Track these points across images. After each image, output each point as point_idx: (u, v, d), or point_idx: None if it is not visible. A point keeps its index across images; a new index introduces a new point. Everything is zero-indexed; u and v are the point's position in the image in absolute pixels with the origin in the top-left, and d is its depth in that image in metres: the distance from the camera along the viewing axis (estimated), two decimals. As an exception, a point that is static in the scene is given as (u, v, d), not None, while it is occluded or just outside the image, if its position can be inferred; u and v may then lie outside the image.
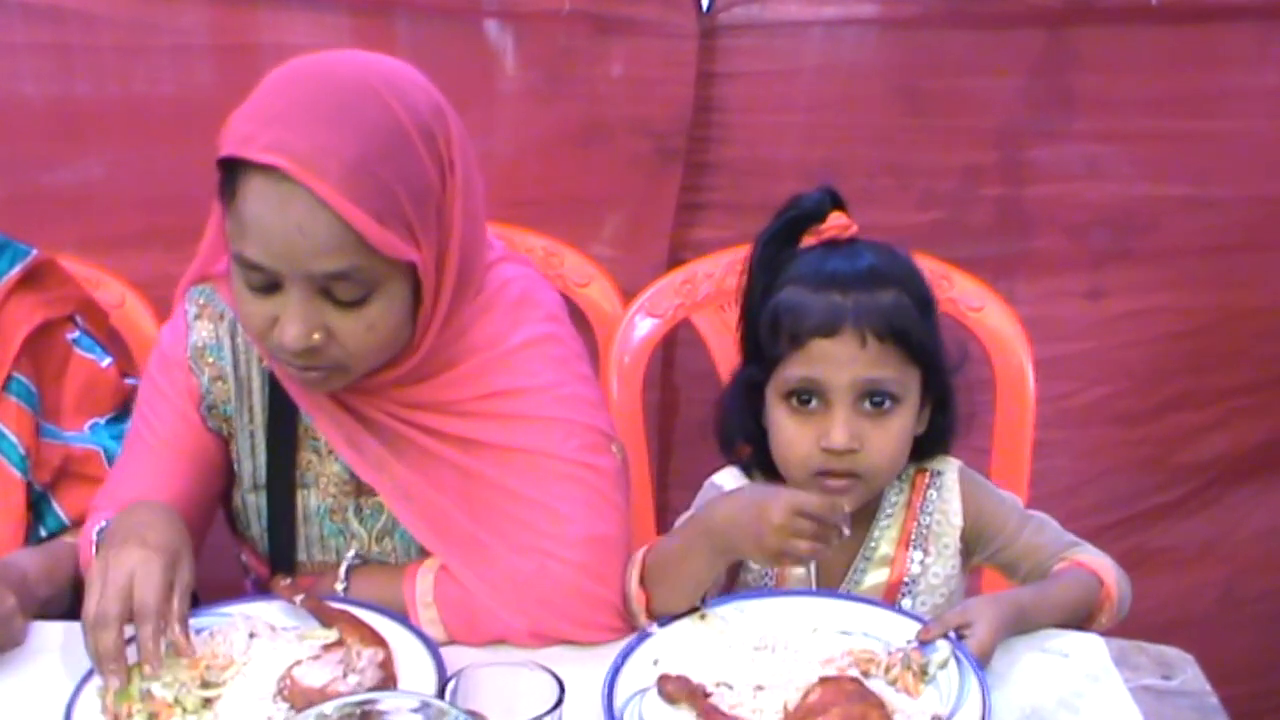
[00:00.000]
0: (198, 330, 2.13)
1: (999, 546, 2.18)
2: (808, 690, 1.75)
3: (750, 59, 2.94)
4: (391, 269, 1.85)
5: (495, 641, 1.98)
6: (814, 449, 2.05)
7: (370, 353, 1.91)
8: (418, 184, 1.84)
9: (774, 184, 2.95)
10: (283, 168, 1.75)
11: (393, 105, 1.82)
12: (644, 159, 2.95)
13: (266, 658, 1.84)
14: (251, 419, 2.14)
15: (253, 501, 2.19)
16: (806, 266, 2.08)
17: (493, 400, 2.03)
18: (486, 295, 2.07)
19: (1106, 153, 3.18)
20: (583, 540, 1.99)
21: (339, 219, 1.76)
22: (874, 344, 2.01)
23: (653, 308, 2.74)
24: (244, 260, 1.82)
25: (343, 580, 2.07)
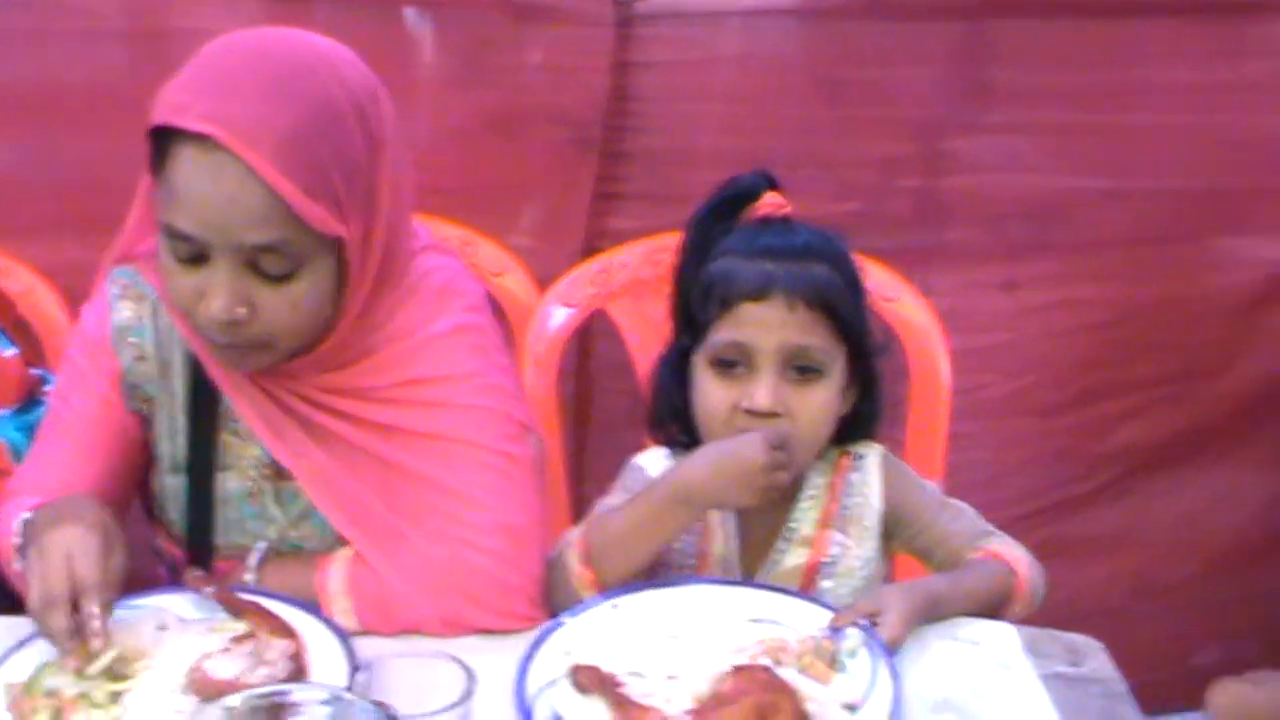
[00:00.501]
0: (120, 311, 2.11)
1: (916, 532, 2.20)
2: (719, 679, 1.74)
3: (667, 48, 2.93)
4: (319, 245, 1.85)
5: (407, 631, 1.97)
6: (736, 410, 2.07)
7: (294, 330, 1.90)
8: (349, 161, 1.84)
9: (691, 174, 2.96)
10: (216, 137, 1.75)
11: (328, 81, 1.83)
12: (561, 148, 2.94)
13: (176, 650, 1.82)
14: (173, 400, 2.12)
15: (171, 484, 2.16)
16: (740, 240, 2.11)
17: (412, 387, 2.02)
18: (409, 283, 2.06)
19: (1023, 145, 3.20)
20: (498, 528, 1.99)
21: (270, 190, 1.76)
22: (803, 311, 2.03)
23: (567, 297, 2.72)
24: (173, 230, 1.82)
25: (253, 571, 2.06)
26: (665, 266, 2.64)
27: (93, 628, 1.75)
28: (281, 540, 2.13)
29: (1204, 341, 3.43)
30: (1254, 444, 3.57)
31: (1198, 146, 3.26)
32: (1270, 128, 3.29)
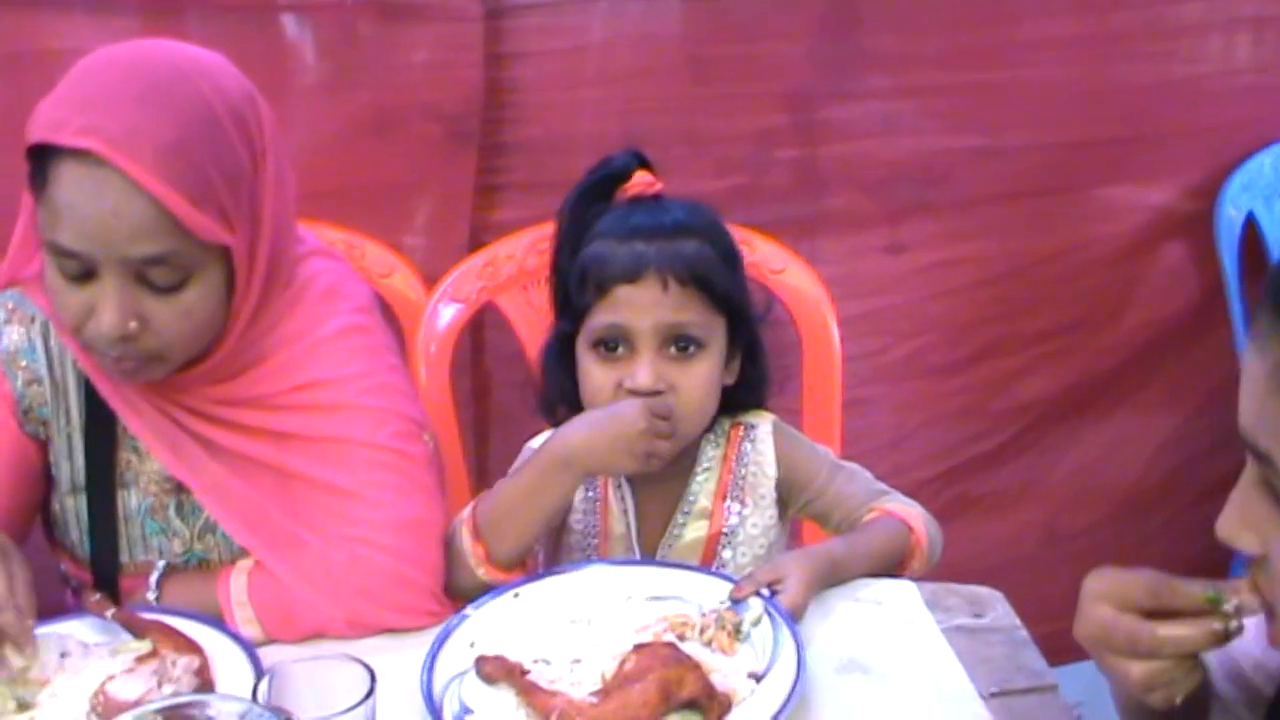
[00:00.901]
0: (9, 335, 2.09)
1: (811, 497, 2.23)
2: (624, 659, 1.75)
3: (537, 37, 2.93)
4: (206, 254, 1.85)
5: (313, 636, 1.97)
6: (620, 390, 2.10)
7: (186, 340, 1.90)
8: (231, 168, 1.84)
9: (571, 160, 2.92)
10: (96, 151, 1.74)
11: (204, 89, 1.83)
12: (438, 144, 2.92)
13: (79, 675, 1.80)
14: (68, 421, 2.11)
15: (71, 505, 2.15)
16: (613, 221, 2.15)
17: (303, 392, 2.02)
18: (295, 288, 2.06)
19: (898, 108, 3.22)
20: (396, 525, 1.99)
21: (154, 202, 1.76)
22: (676, 289, 2.07)
23: (456, 293, 2.73)
24: (58, 248, 1.81)
25: (154, 589, 2.05)
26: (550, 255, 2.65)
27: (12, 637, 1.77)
28: (187, 553, 2.13)
29: (1090, 291, 3.47)
30: (1145, 390, 3.62)
31: (1071, 100, 3.30)
32: (1139, 77, 3.33)
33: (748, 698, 1.73)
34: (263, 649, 1.89)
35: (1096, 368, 3.55)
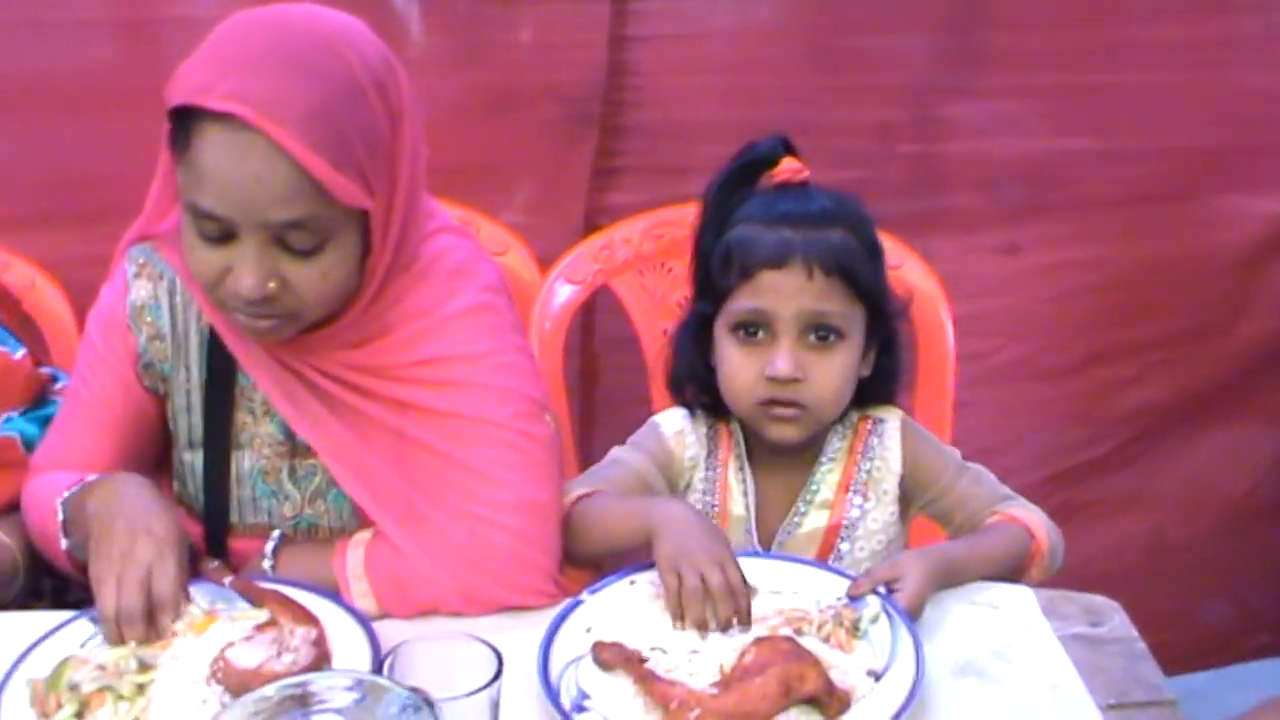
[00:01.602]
0: (136, 289, 2.11)
1: (934, 496, 2.22)
2: (743, 651, 1.74)
3: (662, 21, 2.93)
4: (344, 218, 1.86)
5: (427, 612, 1.97)
6: (759, 378, 2.11)
7: (321, 301, 1.91)
8: (371, 133, 1.84)
9: (689, 147, 2.96)
10: (241, 116, 1.75)
11: (346, 55, 1.83)
12: (558, 125, 2.93)
13: (199, 640, 1.81)
14: (188, 378, 2.13)
15: (188, 460, 2.17)
16: (759, 206, 2.15)
17: (428, 367, 2.02)
18: (424, 263, 2.06)
19: (1018, 108, 3.20)
20: (517, 505, 1.99)
21: (296, 167, 1.76)
22: (820, 277, 2.07)
23: (571, 274, 2.73)
24: (198, 210, 1.82)
25: (269, 559, 2.06)
26: (667, 240, 2.66)
27: (166, 639, 1.81)
28: (296, 518, 2.14)
29: (1204, 299, 3.43)
30: (1259, 401, 3.57)
31: (1192, 104, 3.25)
32: (1262, 82, 3.28)
33: (866, 696, 1.72)
34: (377, 623, 1.89)
35: (1208, 377, 3.50)
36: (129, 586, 1.82)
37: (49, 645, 1.86)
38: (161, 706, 1.71)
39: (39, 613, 2.03)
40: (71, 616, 1.92)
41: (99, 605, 1.84)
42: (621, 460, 2.24)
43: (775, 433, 2.16)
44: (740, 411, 2.19)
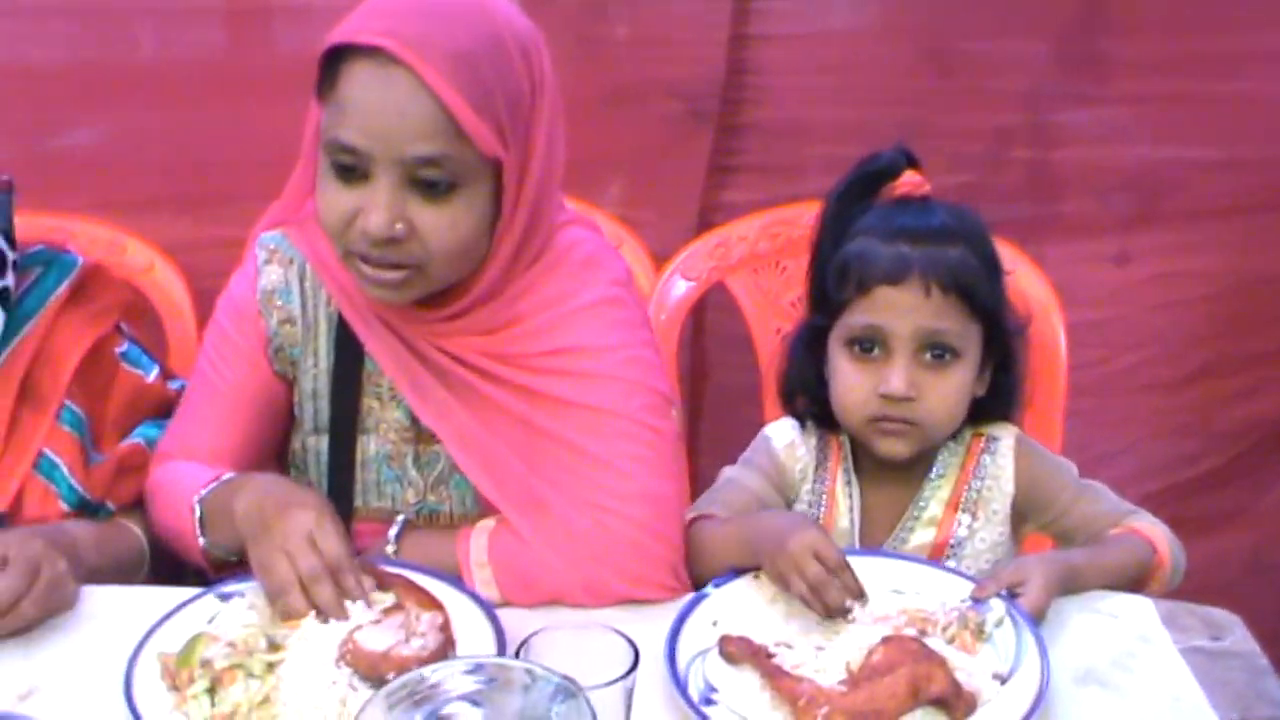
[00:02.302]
0: (267, 274, 2.15)
1: (1054, 516, 2.20)
2: (871, 650, 1.75)
3: (783, 21, 2.93)
4: (478, 167, 1.89)
5: (549, 601, 1.98)
6: (872, 395, 2.09)
7: (448, 253, 1.93)
8: (512, 88, 1.89)
9: (805, 147, 2.97)
10: (387, 49, 1.82)
11: (494, 14, 1.90)
12: (676, 121, 2.94)
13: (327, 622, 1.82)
14: (316, 363, 2.17)
15: (313, 444, 2.21)
16: (878, 219, 2.12)
17: (558, 357, 2.04)
18: (556, 254, 2.09)
19: (1133, 115, 3.17)
20: (641, 497, 2.00)
21: (437, 103, 1.82)
22: (938, 295, 2.04)
23: (687, 270, 2.75)
24: (338, 145, 1.87)
25: (392, 544, 2.08)
26: (783, 239, 2.67)
27: (356, 596, 1.83)
28: (419, 504, 2.17)
29: (1320, 313, 3.38)
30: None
31: (1308, 114, 3.22)
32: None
33: (992, 699, 1.72)
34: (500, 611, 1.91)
35: (1321, 392, 3.45)
36: (300, 553, 1.84)
37: (177, 620, 1.88)
38: (291, 686, 1.72)
39: (164, 588, 2.05)
40: (198, 592, 1.95)
41: (271, 584, 1.85)
42: (736, 480, 2.23)
43: (885, 448, 2.14)
44: (851, 426, 2.17)
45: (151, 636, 1.84)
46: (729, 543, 2.02)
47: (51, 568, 1.92)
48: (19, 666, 1.85)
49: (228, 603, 1.92)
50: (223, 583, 1.96)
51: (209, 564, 2.09)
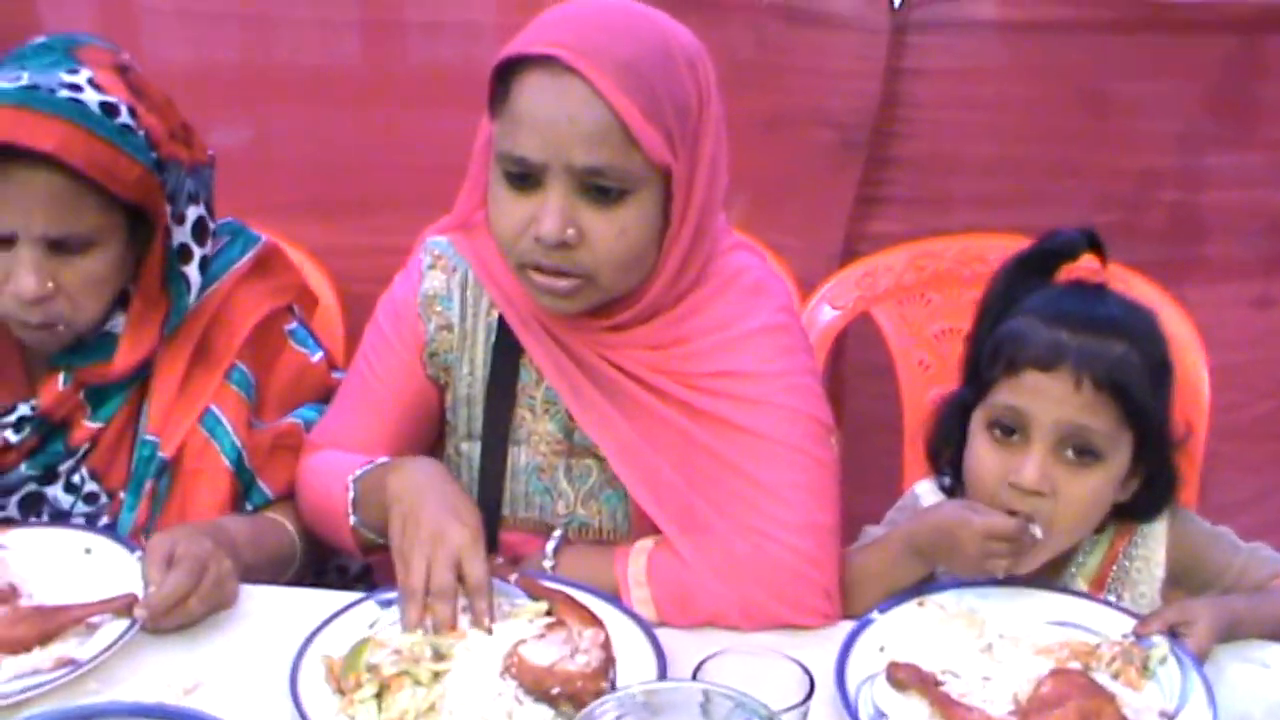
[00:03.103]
0: (430, 279, 2.19)
1: (1222, 588, 2.11)
2: (1039, 681, 1.75)
3: (938, 56, 2.95)
4: (648, 175, 1.91)
5: (705, 623, 1.99)
6: (1003, 482, 1.98)
7: (618, 261, 1.95)
8: (680, 97, 1.92)
9: (953, 180, 2.97)
10: (560, 58, 1.86)
11: (662, 26, 1.94)
12: (827, 150, 2.96)
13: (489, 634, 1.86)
14: (472, 371, 2.19)
15: (466, 450, 2.23)
16: (1044, 300, 2.02)
17: (723, 379, 2.05)
18: (724, 278, 2.10)
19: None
20: (802, 525, 2.00)
21: (609, 110, 1.85)
22: (1089, 389, 1.93)
23: (834, 298, 2.76)
24: (510, 157, 1.91)
25: (549, 558, 2.09)
26: (929, 272, 2.67)
27: (483, 624, 1.86)
28: (569, 516, 2.18)
29: None
30: None
31: None
32: None
33: (1159, 737, 1.71)
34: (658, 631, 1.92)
35: None
36: (441, 565, 1.87)
37: (338, 624, 1.91)
38: (457, 695, 1.75)
39: (320, 591, 2.10)
40: (360, 597, 1.98)
41: (405, 580, 1.89)
42: (874, 535, 2.21)
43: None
44: None
45: (314, 639, 1.87)
46: (891, 561, 2.03)
47: (217, 566, 1.96)
48: (183, 661, 1.89)
49: (387, 609, 1.95)
50: (381, 589, 1.99)
51: (357, 545, 2.12)
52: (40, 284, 2.01)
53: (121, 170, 1.99)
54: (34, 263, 2.00)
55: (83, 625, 1.90)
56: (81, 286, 2.06)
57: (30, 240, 2.00)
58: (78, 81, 1.99)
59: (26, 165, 1.94)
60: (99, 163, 1.97)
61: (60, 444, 2.20)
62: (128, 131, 2.00)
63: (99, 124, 1.97)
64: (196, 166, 2.16)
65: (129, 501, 2.20)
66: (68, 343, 2.15)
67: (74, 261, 2.04)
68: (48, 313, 2.05)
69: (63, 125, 1.94)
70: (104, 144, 1.97)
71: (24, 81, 1.96)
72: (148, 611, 1.89)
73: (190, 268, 2.17)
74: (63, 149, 1.93)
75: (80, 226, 2.02)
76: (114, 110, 1.99)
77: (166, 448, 2.19)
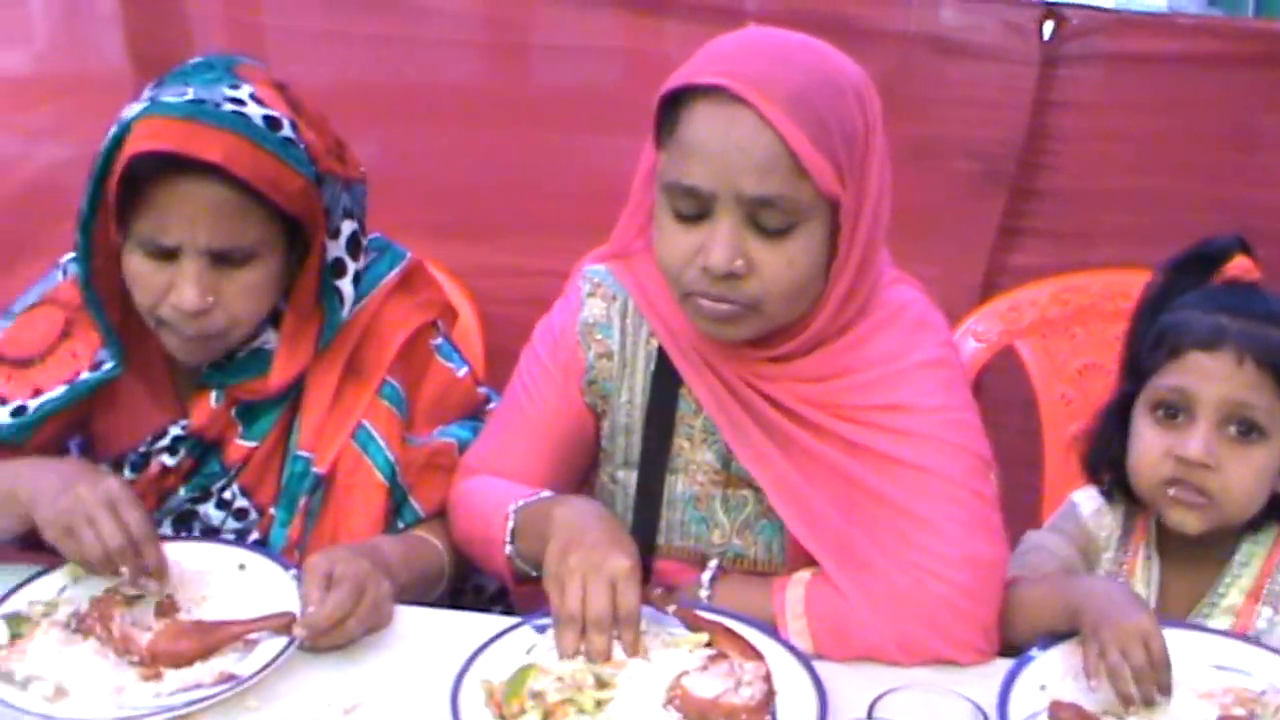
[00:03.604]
0: (589, 307, 2.19)
1: None
2: (1205, 728, 1.73)
3: (1088, 89, 2.92)
4: (816, 206, 1.91)
5: (862, 657, 1.97)
6: (1167, 456, 2.05)
7: (785, 292, 1.94)
8: (848, 126, 1.91)
9: (1097, 214, 2.94)
10: (729, 88, 1.85)
11: (830, 57, 1.94)
12: (970, 181, 2.94)
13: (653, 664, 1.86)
14: (630, 399, 2.19)
15: (622, 478, 2.23)
16: (1201, 295, 2.09)
17: (886, 413, 2.04)
18: (888, 312, 2.09)
19: None
20: (964, 562, 1.99)
21: (779, 140, 1.85)
22: (1251, 367, 2.00)
23: (978, 331, 2.74)
24: (678, 188, 1.91)
25: (706, 588, 2.09)
26: (1074, 306, 2.65)
27: (633, 653, 1.86)
28: (724, 546, 2.18)
29: None
30: None
31: None
32: None
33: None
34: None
35: None
36: (598, 592, 1.87)
37: (496, 648, 1.91)
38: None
39: (480, 614, 2.11)
40: (516, 622, 1.99)
41: (561, 605, 1.89)
42: (1043, 545, 2.21)
43: (1175, 517, 2.08)
44: (1143, 490, 2.12)
45: (473, 663, 1.87)
46: (1047, 604, 2.00)
47: (376, 588, 1.97)
48: (339, 681, 1.90)
49: (543, 634, 1.94)
50: (535, 615, 1.98)
51: (510, 575, 2.12)
52: (202, 296, 2.02)
53: (285, 182, 2.01)
54: (197, 275, 2.02)
55: (240, 641, 1.92)
56: (241, 300, 2.08)
57: (194, 252, 2.01)
58: (240, 96, 2.00)
59: (193, 178, 1.96)
60: (264, 174, 1.98)
61: (216, 464, 2.22)
62: (290, 144, 2.02)
63: (263, 137, 1.99)
64: (351, 182, 2.17)
65: (281, 518, 2.22)
66: (217, 357, 2.17)
67: (234, 274, 2.06)
68: (206, 325, 2.07)
69: (229, 137, 1.95)
70: (269, 156, 1.99)
71: (190, 96, 1.98)
72: (307, 631, 1.90)
73: (344, 282, 2.18)
74: (230, 160, 1.95)
75: (243, 239, 2.03)
76: (277, 124, 2.01)
77: (320, 464, 2.21)
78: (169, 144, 1.94)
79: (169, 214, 1.99)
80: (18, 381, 2.18)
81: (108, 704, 1.82)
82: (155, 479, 2.20)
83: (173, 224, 2.00)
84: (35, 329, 2.22)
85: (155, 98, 1.99)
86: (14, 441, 2.17)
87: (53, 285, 2.26)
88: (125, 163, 1.95)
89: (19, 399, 2.17)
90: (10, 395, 2.17)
